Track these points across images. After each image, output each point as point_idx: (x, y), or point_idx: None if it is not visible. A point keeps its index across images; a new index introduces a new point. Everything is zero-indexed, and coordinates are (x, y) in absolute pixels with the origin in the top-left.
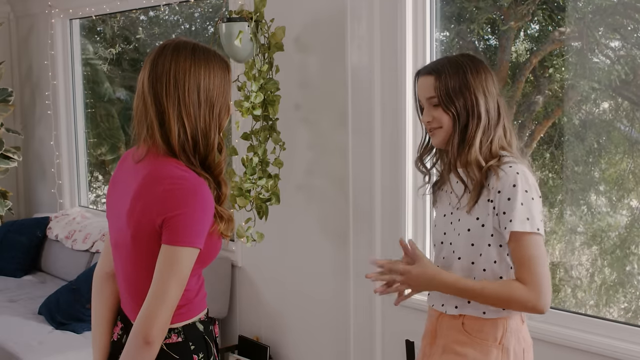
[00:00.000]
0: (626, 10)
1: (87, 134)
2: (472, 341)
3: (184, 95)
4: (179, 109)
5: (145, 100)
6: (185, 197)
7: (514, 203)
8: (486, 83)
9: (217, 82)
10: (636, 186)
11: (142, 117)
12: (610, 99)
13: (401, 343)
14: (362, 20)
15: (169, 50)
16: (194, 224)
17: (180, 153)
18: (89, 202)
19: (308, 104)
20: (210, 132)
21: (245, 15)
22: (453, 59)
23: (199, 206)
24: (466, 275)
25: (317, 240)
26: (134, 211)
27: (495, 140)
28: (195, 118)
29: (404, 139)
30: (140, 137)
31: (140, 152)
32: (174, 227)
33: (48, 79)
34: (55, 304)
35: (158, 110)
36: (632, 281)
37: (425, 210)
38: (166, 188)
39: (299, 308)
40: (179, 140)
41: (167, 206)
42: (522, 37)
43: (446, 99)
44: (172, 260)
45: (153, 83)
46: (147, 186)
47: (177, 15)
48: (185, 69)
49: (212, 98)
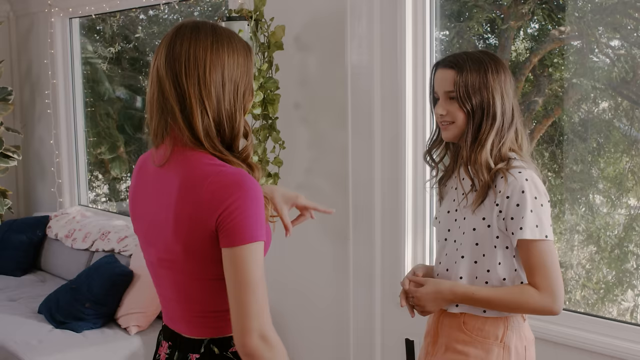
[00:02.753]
0: (626, 10)
1: (87, 133)
2: (474, 340)
3: (204, 73)
4: (200, 89)
5: (163, 87)
6: (233, 192)
7: (523, 210)
8: (504, 84)
9: (240, 61)
10: (635, 185)
11: (160, 107)
12: (610, 98)
13: (401, 342)
14: (362, 19)
15: (187, 30)
16: (249, 217)
17: (205, 139)
18: (88, 201)
19: (308, 103)
20: (236, 114)
21: (245, 14)
22: (475, 55)
23: (249, 197)
24: (470, 274)
25: (316, 239)
26: (181, 219)
27: (506, 143)
28: (219, 99)
29: (403, 137)
30: (158, 134)
31: (163, 152)
32: (231, 227)
33: (48, 78)
34: (55, 302)
35: (178, 94)
36: (631, 280)
37: (425, 209)
38: (210, 189)
39: (298, 307)
40: (202, 124)
41: (218, 207)
42: (521, 36)
43: (464, 95)
44: (241, 261)
45: (171, 64)
46: (190, 190)
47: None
48: (206, 46)
49: (236, 77)
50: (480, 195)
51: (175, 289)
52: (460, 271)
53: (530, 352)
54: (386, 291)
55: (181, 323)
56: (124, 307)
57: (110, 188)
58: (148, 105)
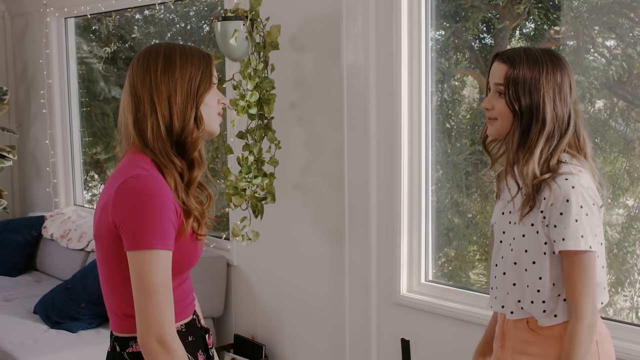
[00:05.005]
0: (621, 9)
1: (82, 133)
2: (539, 338)
3: (155, 75)
4: (151, 90)
5: (124, 99)
6: (134, 197)
7: (567, 219)
8: (561, 87)
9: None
10: (631, 185)
11: (122, 120)
12: (606, 98)
13: (397, 342)
14: (358, 19)
15: (143, 51)
16: (150, 225)
17: (151, 138)
18: (84, 201)
19: (303, 103)
20: (188, 108)
21: (240, 14)
22: (533, 52)
23: (151, 206)
24: (521, 282)
25: (312, 239)
26: (97, 211)
27: (558, 151)
28: (169, 95)
29: (399, 138)
30: (122, 143)
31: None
32: (129, 231)
33: (43, 77)
34: (51, 303)
35: (134, 102)
36: (630, 280)
37: (421, 210)
38: (119, 187)
39: (294, 307)
40: (150, 123)
41: (118, 207)
42: (517, 35)
43: (513, 93)
44: (138, 266)
45: (130, 80)
46: (108, 186)
47: (172, 14)
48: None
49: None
50: (525, 205)
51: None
52: (513, 277)
53: (605, 347)
54: (382, 291)
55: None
56: None
57: None
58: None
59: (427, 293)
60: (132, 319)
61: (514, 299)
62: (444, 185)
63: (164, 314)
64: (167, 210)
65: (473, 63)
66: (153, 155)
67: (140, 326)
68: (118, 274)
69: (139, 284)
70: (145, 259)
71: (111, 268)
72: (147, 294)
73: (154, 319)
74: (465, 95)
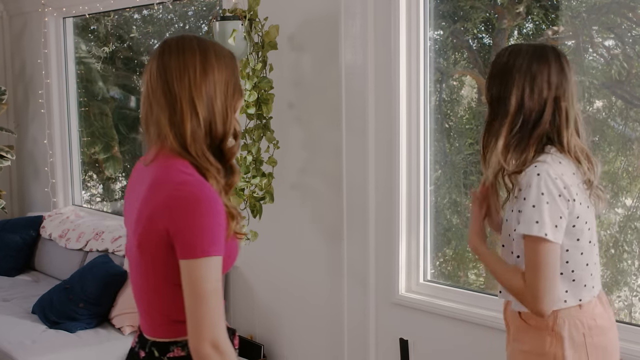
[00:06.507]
0: (620, 9)
1: (81, 133)
2: (529, 328)
3: (194, 76)
4: (190, 92)
5: (153, 97)
6: (188, 205)
7: (526, 204)
8: (534, 79)
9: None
10: (630, 184)
11: (150, 115)
12: (605, 98)
13: (395, 341)
14: (356, 19)
15: (173, 42)
16: (202, 232)
17: (190, 143)
18: (82, 200)
19: (302, 103)
20: (228, 112)
21: (239, 14)
22: (520, 45)
23: (204, 212)
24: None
25: (311, 239)
26: (141, 219)
27: (531, 145)
28: (210, 99)
29: (397, 137)
30: (150, 139)
31: (150, 154)
32: (184, 240)
33: (41, 77)
34: (49, 303)
35: (169, 101)
36: (626, 279)
37: (419, 209)
38: (169, 195)
39: (293, 306)
40: (191, 127)
41: (171, 216)
42: (516, 35)
43: (487, 82)
44: (193, 273)
45: (162, 73)
46: (152, 193)
47: (170, 13)
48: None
49: (226, 78)
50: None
51: (133, 283)
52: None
53: (596, 340)
54: (380, 291)
55: (141, 321)
56: (118, 307)
57: (104, 188)
58: (142, 115)
59: (425, 293)
60: (179, 324)
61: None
62: (443, 185)
63: (217, 319)
64: (219, 216)
65: (471, 63)
66: (192, 159)
67: (194, 332)
68: (166, 280)
69: (193, 291)
70: (200, 267)
71: (158, 275)
72: (201, 300)
73: (207, 324)
74: (463, 95)
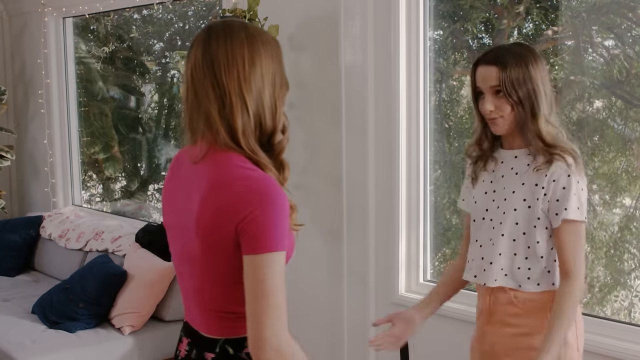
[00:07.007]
0: (620, 9)
1: (81, 133)
2: (524, 311)
3: (243, 68)
4: (240, 85)
5: (199, 87)
6: (256, 199)
7: (568, 193)
8: (543, 73)
9: (274, 53)
10: (629, 184)
11: (196, 108)
12: (604, 98)
13: None
14: (356, 19)
15: (219, 29)
16: (271, 227)
17: (242, 137)
18: (82, 200)
19: (302, 103)
20: (277, 105)
21: (238, 14)
22: (514, 49)
23: (272, 206)
24: (508, 251)
25: (311, 239)
26: (203, 219)
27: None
28: (259, 92)
29: (397, 137)
30: (196, 132)
31: (198, 150)
32: (252, 235)
33: (41, 77)
34: (49, 303)
35: (217, 93)
36: (626, 279)
37: (419, 208)
38: (235, 191)
39: (293, 306)
40: (242, 121)
41: (239, 212)
42: (516, 35)
43: (510, 89)
44: (258, 269)
45: (209, 63)
46: (215, 191)
47: (170, 13)
48: (242, 42)
49: (273, 70)
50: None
51: (194, 287)
52: (500, 248)
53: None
54: (380, 290)
55: (199, 321)
56: (118, 307)
57: (104, 188)
58: (184, 106)
59: (425, 292)
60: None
61: (497, 267)
62: (442, 185)
63: (281, 317)
64: (285, 209)
65: (471, 63)
66: (245, 153)
67: (254, 333)
68: (232, 277)
69: (257, 287)
70: (267, 262)
71: (224, 272)
72: (263, 296)
73: (269, 322)
74: (463, 95)
